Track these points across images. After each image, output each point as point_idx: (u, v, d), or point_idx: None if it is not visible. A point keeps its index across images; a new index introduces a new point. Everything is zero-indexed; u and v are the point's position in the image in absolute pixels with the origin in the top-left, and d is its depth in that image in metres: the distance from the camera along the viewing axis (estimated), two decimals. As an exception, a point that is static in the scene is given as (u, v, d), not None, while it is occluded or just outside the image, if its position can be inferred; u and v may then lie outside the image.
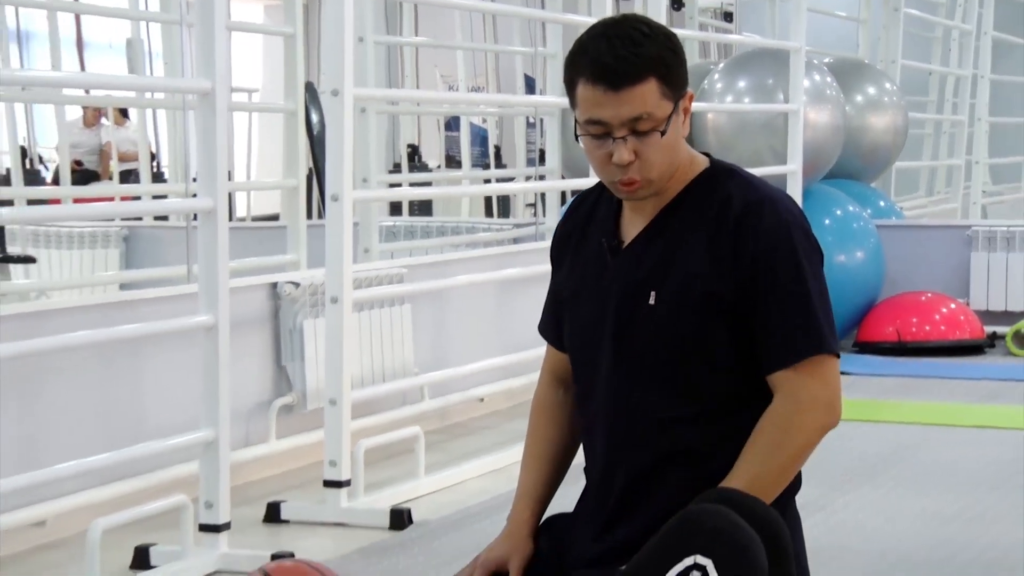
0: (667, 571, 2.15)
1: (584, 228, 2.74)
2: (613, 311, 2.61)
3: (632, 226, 2.64)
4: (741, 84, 7.91)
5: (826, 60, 8.83)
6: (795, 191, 7.47)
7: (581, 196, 2.81)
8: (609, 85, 2.49)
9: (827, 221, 7.97)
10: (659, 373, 2.57)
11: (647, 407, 2.57)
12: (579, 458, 2.82)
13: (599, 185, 2.76)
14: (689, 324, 2.55)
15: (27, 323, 4.30)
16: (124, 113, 10.87)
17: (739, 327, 2.53)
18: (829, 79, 8.17)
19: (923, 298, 8.19)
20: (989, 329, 8.18)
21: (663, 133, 2.51)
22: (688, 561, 2.14)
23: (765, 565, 2.17)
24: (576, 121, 2.57)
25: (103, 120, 11.03)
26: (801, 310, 2.53)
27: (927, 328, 7.99)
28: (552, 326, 2.82)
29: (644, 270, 2.59)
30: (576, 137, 2.60)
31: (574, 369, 2.73)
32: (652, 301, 2.57)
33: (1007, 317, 8.33)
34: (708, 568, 2.13)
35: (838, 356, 2.57)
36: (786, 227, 2.54)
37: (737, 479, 2.45)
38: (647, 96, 2.50)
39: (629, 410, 2.59)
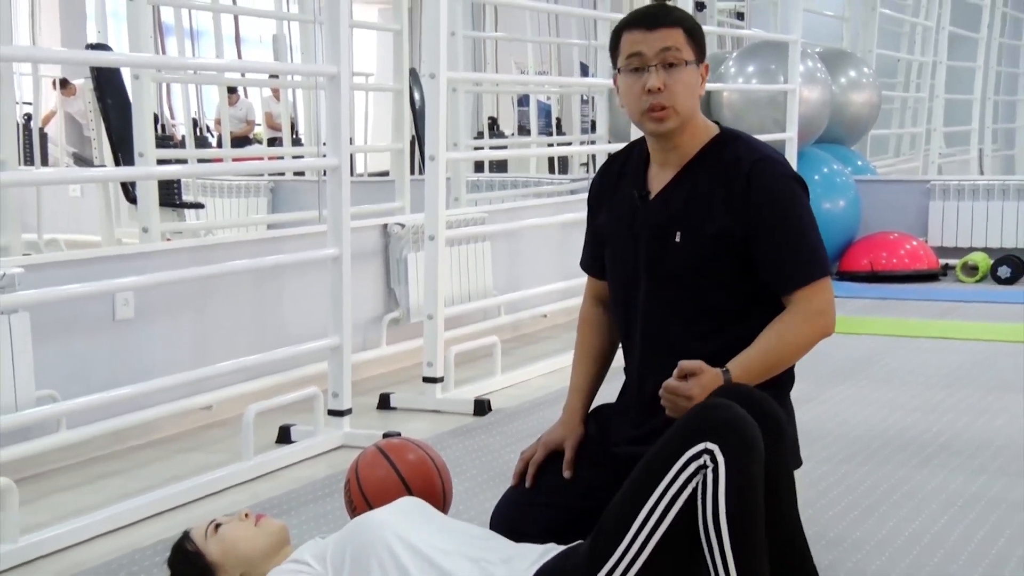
0: (684, 452, 2.10)
1: (616, 182, 2.72)
2: (645, 248, 2.59)
3: (658, 179, 2.63)
4: (750, 69, 7.81)
5: (817, 50, 8.68)
6: (792, 153, 7.38)
7: (612, 156, 2.80)
8: (646, 26, 2.50)
9: (816, 177, 7.90)
10: (683, 296, 2.55)
11: (674, 324, 2.56)
12: (618, 360, 2.81)
13: (626, 148, 2.75)
14: (707, 257, 2.52)
15: (197, 255, 4.33)
16: (232, 90, 10.80)
17: (746, 258, 2.51)
18: (819, 65, 8.07)
19: (891, 237, 8.12)
20: (943, 261, 8.12)
21: (687, 64, 2.50)
22: (700, 446, 2.09)
23: (763, 448, 2.12)
24: (618, 72, 2.56)
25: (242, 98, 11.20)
26: (808, 244, 2.52)
27: (894, 260, 7.93)
28: (590, 261, 2.82)
29: (670, 214, 2.57)
30: (615, 85, 2.58)
31: (613, 295, 2.71)
32: (677, 239, 2.55)
33: (957, 252, 8.26)
34: (716, 452, 2.08)
35: (831, 277, 2.57)
36: (785, 180, 2.54)
37: (754, 351, 2.45)
38: (676, 37, 2.50)
39: (660, 327, 2.58)
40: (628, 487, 2.16)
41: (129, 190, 5.89)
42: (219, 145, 9.17)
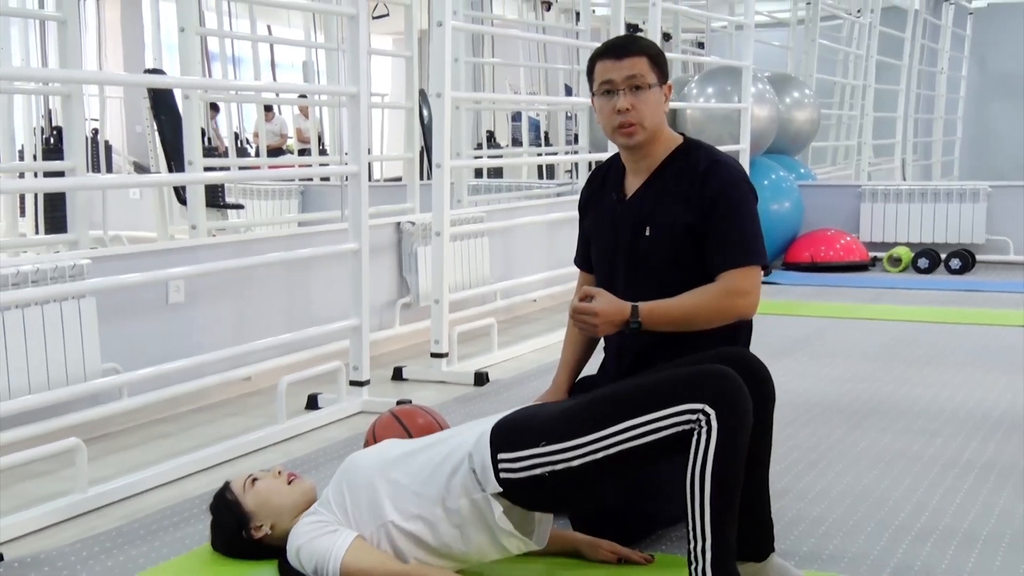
0: (683, 402, 2.03)
1: (600, 189, 2.73)
2: (624, 241, 2.60)
3: (632, 184, 2.64)
4: (709, 90, 7.79)
5: (766, 74, 8.66)
6: (745, 162, 7.36)
7: (596, 169, 2.82)
8: (614, 56, 2.49)
9: (765, 182, 7.90)
10: (653, 280, 2.56)
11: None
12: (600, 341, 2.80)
13: (607, 161, 2.75)
14: (673, 246, 2.53)
15: (238, 248, 4.31)
16: (268, 108, 10.73)
17: (702, 246, 2.50)
18: (768, 87, 8.06)
19: (828, 233, 8.12)
20: (872, 254, 8.13)
21: (651, 86, 2.48)
22: (698, 405, 2.02)
23: (751, 421, 2.07)
24: (593, 96, 2.54)
25: (277, 115, 11.13)
26: (746, 235, 2.48)
27: (831, 253, 7.93)
28: (581, 258, 2.81)
29: (642, 213, 2.58)
30: (593, 105, 2.57)
31: (599, 282, 2.70)
32: (648, 233, 2.55)
33: (884, 246, 8.27)
34: (712, 417, 2.02)
35: (765, 268, 2.54)
36: (735, 181, 2.53)
37: (669, 302, 2.41)
38: (640, 65, 2.49)
39: None
40: (623, 393, 2.11)
41: (180, 193, 5.87)
42: (257, 155, 9.14)
